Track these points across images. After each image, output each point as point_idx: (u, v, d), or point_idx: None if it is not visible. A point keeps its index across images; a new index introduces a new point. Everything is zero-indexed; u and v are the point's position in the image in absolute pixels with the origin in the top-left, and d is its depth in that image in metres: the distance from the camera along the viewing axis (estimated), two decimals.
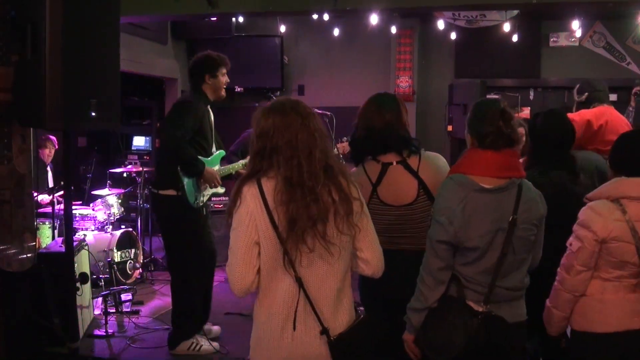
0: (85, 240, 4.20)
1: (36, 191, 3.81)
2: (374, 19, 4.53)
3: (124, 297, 4.20)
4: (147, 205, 5.35)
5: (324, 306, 1.65)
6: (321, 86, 6.58)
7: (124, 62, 2.88)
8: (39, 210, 4.61)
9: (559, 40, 6.07)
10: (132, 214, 5.72)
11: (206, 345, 3.47)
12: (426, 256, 1.92)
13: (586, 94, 3.39)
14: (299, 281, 1.62)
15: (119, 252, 4.81)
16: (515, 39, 5.73)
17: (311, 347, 1.64)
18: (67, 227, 3.18)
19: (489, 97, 5.51)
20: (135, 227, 5.37)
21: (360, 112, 2.29)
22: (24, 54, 2.55)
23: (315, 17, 4.85)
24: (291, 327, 1.62)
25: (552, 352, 2.37)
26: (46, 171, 5.16)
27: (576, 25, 5.35)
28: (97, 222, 4.99)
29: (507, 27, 5.41)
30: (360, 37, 6.25)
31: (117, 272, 4.64)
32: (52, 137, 5.17)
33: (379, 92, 2.39)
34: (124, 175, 5.58)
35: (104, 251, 4.70)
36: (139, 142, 6.85)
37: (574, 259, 1.97)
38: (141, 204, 5.33)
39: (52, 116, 2.47)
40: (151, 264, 5.24)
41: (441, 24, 5.64)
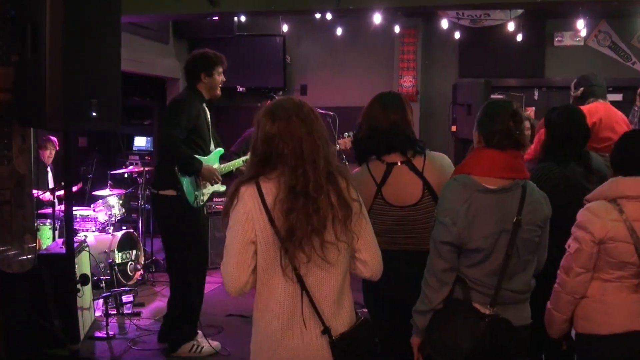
0: (86, 241, 4.20)
1: (36, 189, 3.78)
2: (377, 18, 4.52)
3: (125, 298, 4.19)
4: (148, 206, 5.32)
5: (325, 307, 1.64)
6: (324, 86, 6.56)
7: (125, 61, 2.88)
8: (40, 211, 4.60)
9: (564, 39, 6.05)
10: (133, 215, 5.74)
11: (207, 346, 3.45)
12: (430, 257, 1.90)
13: (582, 89, 3.35)
14: (300, 280, 1.60)
15: (120, 254, 4.80)
16: (519, 38, 5.69)
17: (313, 348, 1.63)
18: (67, 228, 3.18)
19: (493, 96, 5.50)
20: (136, 228, 5.38)
21: (364, 112, 2.27)
22: (24, 53, 2.54)
23: (317, 16, 4.84)
24: (294, 327, 1.62)
25: (555, 354, 2.35)
26: (46, 172, 5.14)
27: (581, 24, 5.32)
28: (98, 223, 4.99)
29: (511, 26, 5.38)
30: (363, 37, 6.23)
31: (118, 274, 4.64)
32: (53, 138, 5.15)
33: (384, 92, 2.37)
34: (125, 175, 5.56)
35: (105, 252, 4.70)
36: (140, 142, 6.83)
37: (572, 261, 1.96)
38: (142, 205, 5.32)
39: (52, 116, 2.48)
40: (152, 266, 5.23)
41: (445, 23, 5.62)
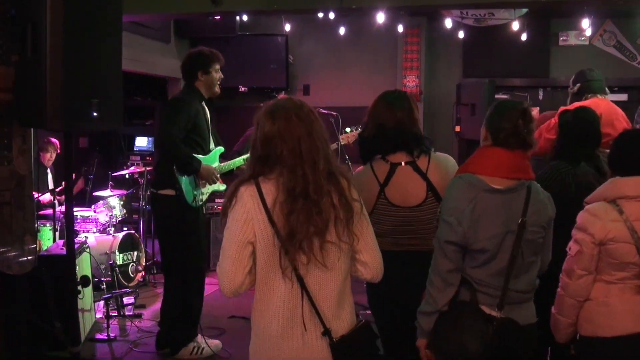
0: (86, 242, 4.21)
1: (37, 192, 3.77)
2: (380, 18, 4.51)
3: (126, 300, 4.18)
4: (149, 207, 5.29)
5: (326, 308, 1.62)
6: (327, 86, 6.55)
7: (126, 61, 2.88)
8: (40, 212, 4.60)
9: (569, 39, 6.02)
10: (135, 216, 5.73)
11: (208, 347, 3.43)
12: (435, 257, 1.88)
13: (578, 85, 3.34)
14: (301, 281, 1.59)
15: (121, 255, 4.80)
16: (524, 37, 5.66)
17: (313, 350, 1.62)
18: (68, 229, 3.19)
19: (497, 96, 5.48)
20: (137, 229, 5.37)
21: (370, 110, 2.28)
22: (24, 53, 2.54)
23: (320, 15, 4.82)
24: (294, 329, 1.60)
25: (562, 359, 2.33)
26: (46, 174, 5.11)
27: (586, 23, 5.29)
28: (98, 224, 4.99)
29: (515, 25, 5.37)
30: (366, 36, 6.21)
31: (119, 275, 4.63)
32: (54, 140, 5.12)
33: (389, 90, 2.36)
34: (126, 176, 5.56)
35: (106, 254, 4.70)
36: (142, 142, 6.80)
37: (573, 263, 1.95)
38: (143, 206, 5.31)
39: (52, 116, 2.49)
40: (154, 267, 5.22)
41: (449, 23, 5.59)
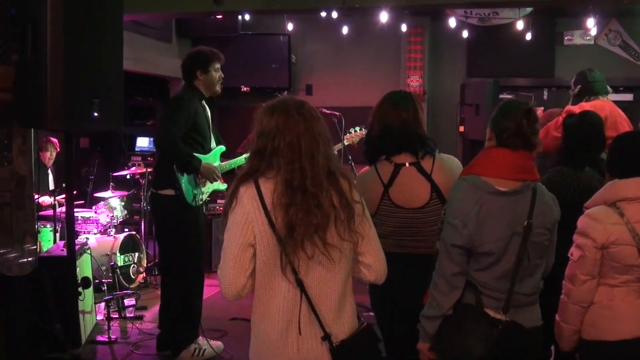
0: (87, 243, 4.19)
1: (37, 193, 3.75)
2: (383, 17, 4.51)
3: (127, 302, 4.17)
4: (149, 206, 5.28)
5: (326, 312, 1.61)
6: (329, 86, 6.54)
7: (127, 60, 2.87)
8: (40, 213, 4.58)
9: (574, 38, 6.01)
10: (136, 217, 5.71)
11: (209, 349, 3.41)
12: (439, 260, 1.86)
13: (579, 87, 3.33)
14: (300, 284, 1.57)
15: (122, 256, 4.78)
16: (528, 37, 5.64)
17: (313, 354, 1.60)
18: (68, 230, 3.19)
19: (502, 96, 5.47)
20: (138, 230, 5.35)
21: (375, 111, 2.28)
22: (24, 53, 2.53)
23: (323, 14, 4.82)
24: (293, 333, 1.58)
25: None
26: (47, 174, 5.09)
27: (591, 23, 5.28)
28: (99, 225, 4.97)
29: (520, 25, 5.36)
30: (369, 36, 6.20)
31: (120, 277, 4.60)
32: (54, 139, 5.10)
33: (394, 90, 2.36)
34: (127, 177, 5.55)
35: (107, 255, 4.68)
36: (143, 143, 6.77)
37: (576, 269, 1.95)
38: (145, 207, 5.29)
39: (53, 116, 2.51)
40: (155, 268, 5.19)
41: (453, 22, 5.58)
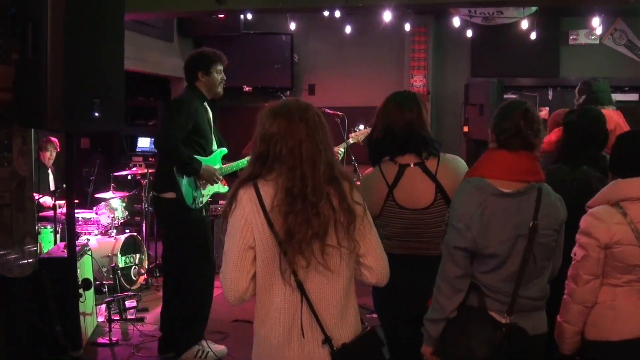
0: (88, 245, 4.17)
1: (37, 193, 3.73)
2: (387, 16, 4.50)
3: (128, 303, 4.15)
4: (152, 208, 5.26)
5: (327, 315, 1.60)
6: (332, 86, 6.55)
7: (129, 60, 2.86)
8: (41, 214, 4.56)
9: (579, 38, 6.01)
10: (137, 218, 5.70)
11: (213, 350, 3.39)
12: (443, 263, 1.86)
13: (584, 97, 3.35)
14: (300, 286, 1.57)
15: (123, 257, 4.76)
16: (533, 36, 5.62)
17: (314, 357, 1.59)
18: (69, 231, 3.18)
19: (506, 96, 5.45)
20: (139, 231, 5.33)
21: (378, 111, 2.27)
22: (24, 52, 2.53)
23: (326, 14, 4.80)
24: (294, 336, 1.58)
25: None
26: (47, 174, 5.07)
27: (596, 22, 5.24)
28: (100, 226, 4.96)
29: (525, 24, 5.36)
30: (372, 35, 6.20)
31: (121, 278, 4.59)
32: (54, 139, 5.08)
33: (398, 90, 2.35)
34: (129, 177, 5.54)
35: (108, 256, 4.66)
36: (144, 143, 6.76)
37: (579, 269, 1.94)
38: (146, 208, 5.28)
39: (53, 117, 2.51)
40: (156, 270, 5.18)
41: (457, 21, 5.57)
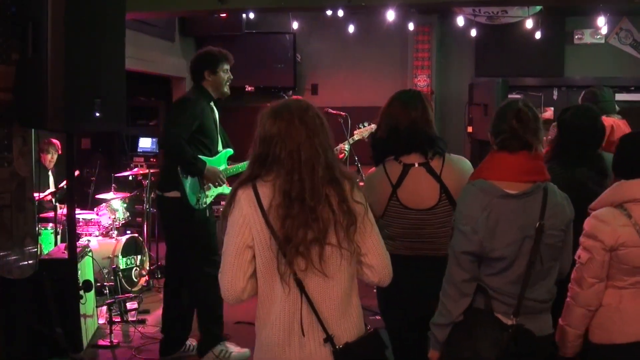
0: (89, 246, 4.15)
1: (37, 191, 3.71)
2: (390, 15, 4.48)
3: (129, 305, 4.15)
4: (153, 209, 5.30)
5: (328, 314, 1.59)
6: (335, 85, 6.54)
7: (130, 60, 2.85)
8: (41, 214, 4.54)
9: (584, 37, 6.00)
10: (138, 219, 5.69)
11: (236, 351, 3.36)
12: (449, 267, 1.85)
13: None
14: (300, 285, 1.56)
15: (125, 259, 4.74)
16: (538, 36, 5.61)
17: (316, 357, 1.58)
18: (70, 232, 3.15)
19: (510, 96, 5.42)
20: (141, 232, 5.32)
21: (383, 110, 2.25)
22: (25, 52, 2.52)
23: (329, 13, 4.78)
24: (295, 335, 1.57)
25: None
26: (48, 176, 5.05)
27: (602, 21, 5.23)
28: (101, 227, 4.94)
29: (529, 23, 5.34)
30: (376, 34, 6.19)
31: (122, 280, 4.58)
32: (55, 141, 5.06)
33: (403, 89, 2.35)
34: (130, 178, 5.53)
35: (109, 257, 4.65)
36: (145, 143, 6.76)
37: (584, 272, 1.93)
38: (147, 208, 5.27)
39: (53, 117, 2.50)
40: (158, 271, 5.17)
41: (461, 21, 5.56)
